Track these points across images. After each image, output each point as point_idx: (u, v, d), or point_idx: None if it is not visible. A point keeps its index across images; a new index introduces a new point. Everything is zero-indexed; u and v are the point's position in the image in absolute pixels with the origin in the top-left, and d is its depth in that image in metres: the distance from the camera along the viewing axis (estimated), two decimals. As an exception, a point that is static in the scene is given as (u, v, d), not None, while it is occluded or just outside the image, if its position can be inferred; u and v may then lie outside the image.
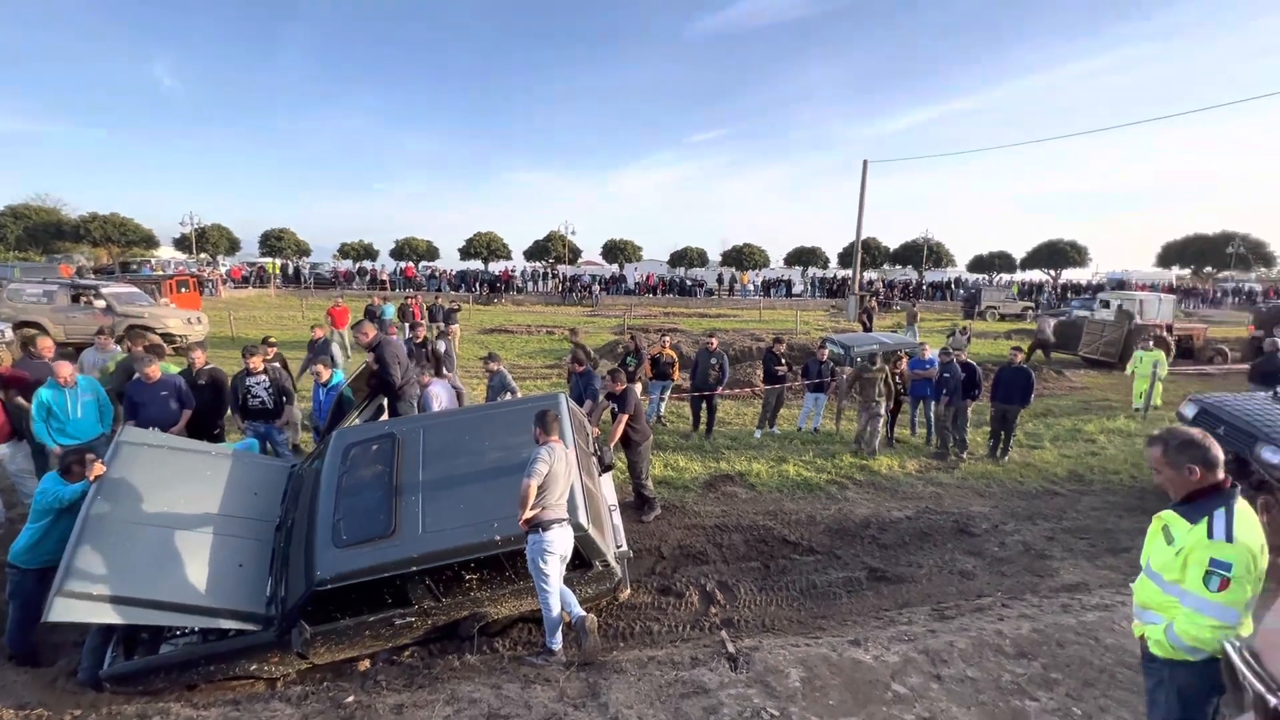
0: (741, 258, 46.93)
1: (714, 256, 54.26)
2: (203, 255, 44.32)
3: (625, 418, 6.39)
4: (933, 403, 9.22)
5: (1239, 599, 2.21)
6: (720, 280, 40.33)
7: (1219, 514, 2.31)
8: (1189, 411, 7.39)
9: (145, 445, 4.56)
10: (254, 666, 4.09)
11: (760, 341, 16.99)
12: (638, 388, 9.21)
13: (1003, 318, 29.03)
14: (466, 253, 46.16)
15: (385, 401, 6.52)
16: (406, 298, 19.06)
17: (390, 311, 15.97)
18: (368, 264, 45.17)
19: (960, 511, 6.95)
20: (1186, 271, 49.09)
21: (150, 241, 43.10)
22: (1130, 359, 12.07)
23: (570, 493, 4.27)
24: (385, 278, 38.52)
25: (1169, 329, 16.65)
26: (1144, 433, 10.08)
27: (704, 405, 9.68)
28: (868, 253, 45.14)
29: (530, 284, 39.70)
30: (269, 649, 4.05)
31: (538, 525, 3.94)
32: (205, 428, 6.24)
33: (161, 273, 28.57)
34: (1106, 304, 16.94)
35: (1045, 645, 4.20)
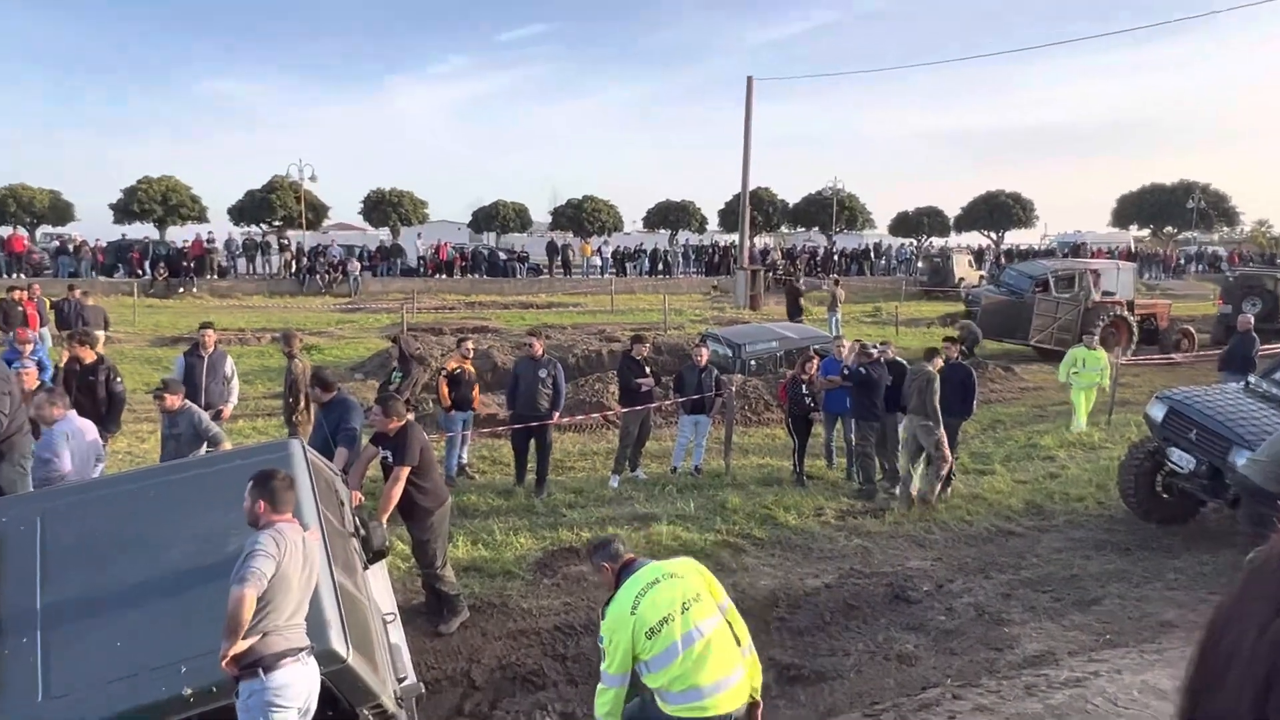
0: (582, 219, 47.67)
1: (540, 216, 54.52)
2: None
3: (405, 472, 6.16)
4: (853, 421, 9.95)
5: (609, 664, 3.66)
6: (552, 252, 40.58)
7: (612, 597, 3.81)
8: (1157, 413, 8.69)
9: None
10: None
11: (614, 342, 17.30)
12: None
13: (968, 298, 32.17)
14: (127, 211, 41.96)
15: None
16: (10, 289, 16.94)
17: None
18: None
19: (895, 570, 7.56)
20: (1145, 232, 58.22)
21: None
22: (1065, 361, 13.00)
23: (315, 601, 4.00)
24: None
25: (1130, 307, 19.56)
26: (1110, 443, 11.71)
27: (531, 443, 9.63)
28: (759, 209, 48.06)
29: (242, 261, 37.04)
30: None
31: (257, 664, 3.63)
32: None
33: None
34: (1041, 281, 19.14)
35: (1008, 745, 4.66)
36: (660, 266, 40.63)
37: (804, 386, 10.18)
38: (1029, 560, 7.90)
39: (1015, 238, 55.18)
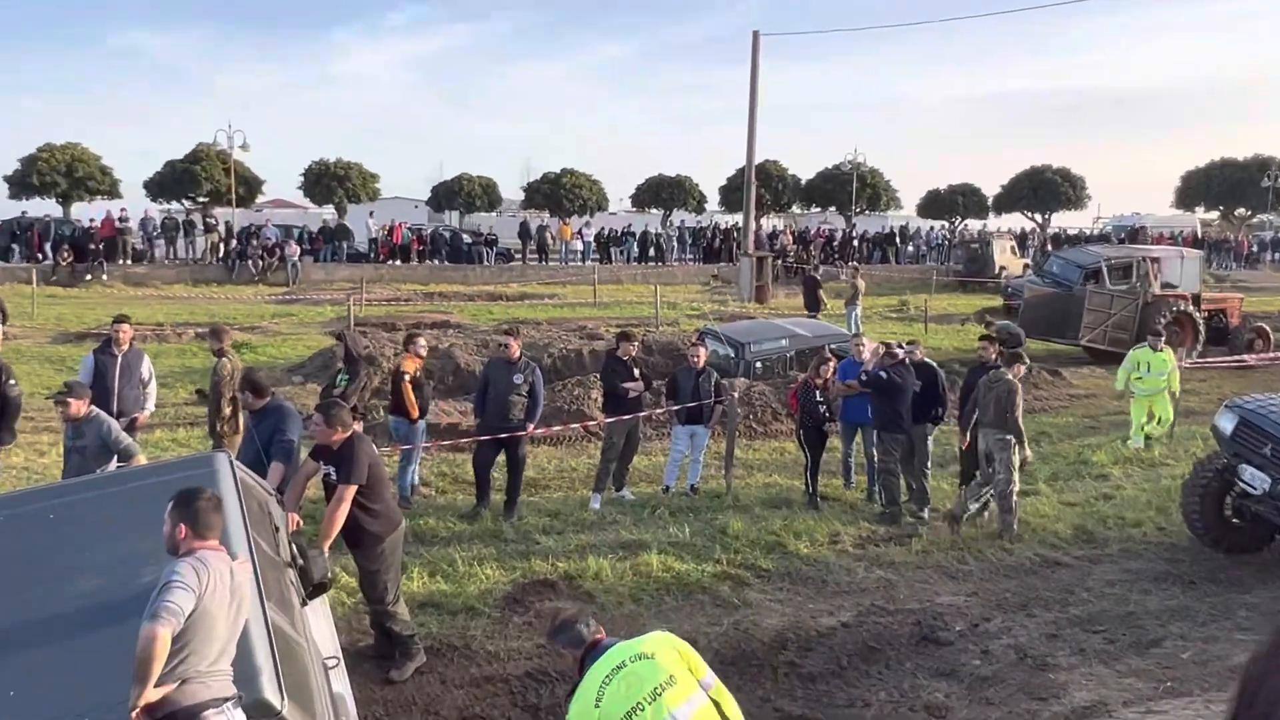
0: (560, 196, 47.63)
1: (511, 193, 54.44)
2: None
3: (351, 491, 6.15)
4: (875, 433, 9.96)
5: None
6: (525, 235, 40.57)
7: (576, 685, 3.95)
8: (1226, 424, 8.75)
9: None
10: None
11: (597, 340, 17.29)
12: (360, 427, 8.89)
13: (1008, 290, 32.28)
14: (24, 184, 41.75)
15: None
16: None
17: None
18: None
19: (923, 607, 7.56)
20: (1214, 215, 58.58)
21: None
22: (1124, 365, 12.98)
23: (244, 643, 3.98)
24: None
25: (1195, 301, 19.66)
26: (1172, 459, 11.76)
27: (500, 458, 9.63)
28: (766, 186, 48.14)
29: (161, 244, 36.92)
30: None
31: (174, 716, 3.61)
32: None
33: None
34: (1092, 271, 19.27)
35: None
36: (651, 252, 40.72)
37: (818, 393, 10.18)
38: (1078, 595, 7.91)
39: (1063, 220, 55.58)
